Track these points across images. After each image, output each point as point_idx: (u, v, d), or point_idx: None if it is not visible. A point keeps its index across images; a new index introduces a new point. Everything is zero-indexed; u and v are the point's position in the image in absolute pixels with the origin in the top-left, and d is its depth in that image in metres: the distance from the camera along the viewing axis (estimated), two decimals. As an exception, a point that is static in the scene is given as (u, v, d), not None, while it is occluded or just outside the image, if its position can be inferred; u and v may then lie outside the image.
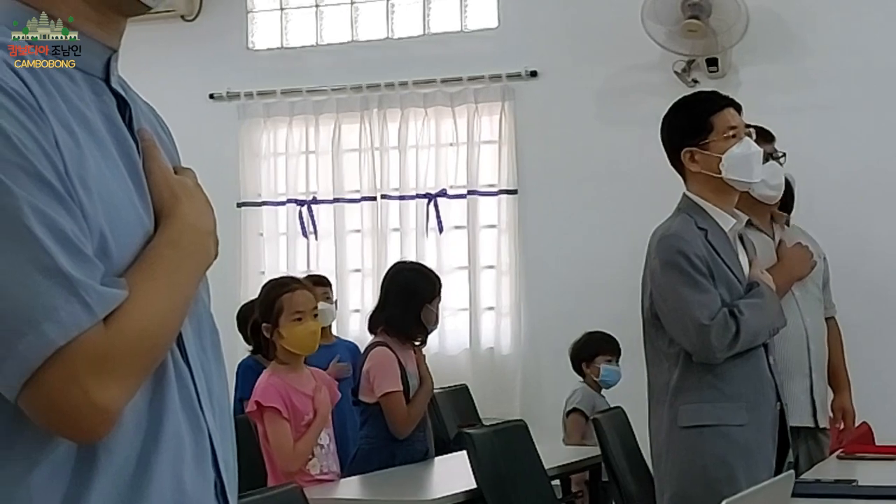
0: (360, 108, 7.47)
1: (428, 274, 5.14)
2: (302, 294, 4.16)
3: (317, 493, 3.85)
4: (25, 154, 1.26)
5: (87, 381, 1.25)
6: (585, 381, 5.88)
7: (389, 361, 4.79)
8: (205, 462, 1.43)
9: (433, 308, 4.94)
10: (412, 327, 4.89)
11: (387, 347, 4.84)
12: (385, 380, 4.76)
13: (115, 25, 1.45)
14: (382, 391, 4.75)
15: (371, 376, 4.79)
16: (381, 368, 4.77)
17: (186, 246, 1.40)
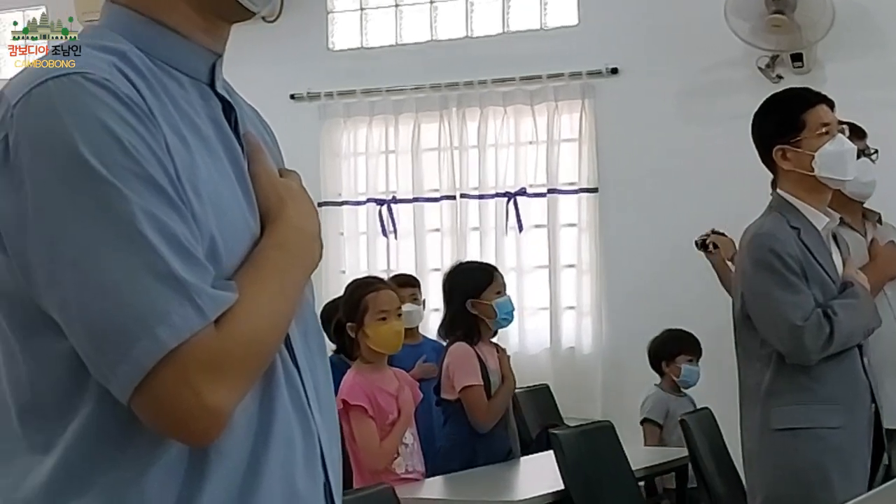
0: (440, 108, 7.47)
1: (482, 267, 5.12)
2: (386, 294, 4.17)
3: (402, 492, 3.84)
4: (138, 159, 1.27)
5: (198, 384, 1.26)
6: (663, 380, 5.77)
7: (468, 356, 4.79)
8: (315, 463, 1.43)
9: (485, 301, 4.87)
10: (465, 325, 4.87)
11: (466, 344, 4.83)
12: (464, 374, 4.75)
13: (220, 31, 1.46)
14: (462, 385, 4.75)
15: (451, 372, 4.79)
16: (460, 363, 4.77)
17: (293, 248, 1.41)
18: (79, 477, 1.30)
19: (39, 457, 1.32)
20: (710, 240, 5.86)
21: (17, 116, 1.29)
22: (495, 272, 5.08)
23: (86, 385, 1.30)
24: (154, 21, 1.41)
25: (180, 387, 1.25)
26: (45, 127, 1.27)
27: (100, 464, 1.30)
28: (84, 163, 1.25)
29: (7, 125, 1.30)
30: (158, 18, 1.41)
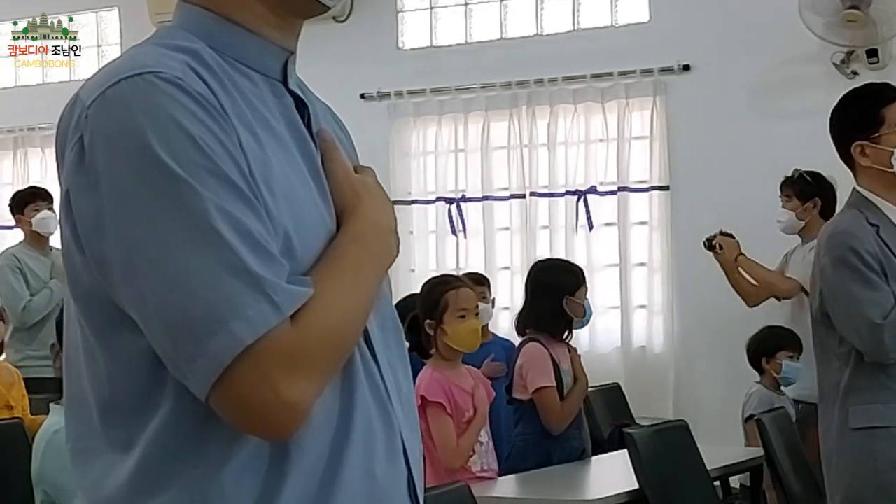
0: (509, 106, 7.46)
1: (567, 266, 5.11)
2: (466, 292, 4.17)
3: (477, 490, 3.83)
4: (211, 156, 1.28)
5: (276, 379, 1.25)
6: (763, 377, 5.67)
7: (542, 357, 4.76)
8: (396, 457, 1.42)
9: (577, 300, 4.87)
10: (557, 322, 4.85)
11: (539, 344, 4.81)
12: (538, 375, 4.73)
13: (293, 28, 1.46)
14: (535, 386, 4.72)
15: (524, 372, 4.77)
16: (533, 364, 4.75)
17: (370, 243, 1.40)
18: (160, 474, 1.31)
19: (120, 455, 1.33)
20: (716, 241, 5.85)
21: (92, 117, 1.30)
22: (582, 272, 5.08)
23: (164, 382, 1.30)
24: (226, 19, 1.41)
25: (258, 382, 1.25)
26: (119, 126, 1.28)
27: (180, 460, 1.31)
28: (158, 161, 1.26)
29: (82, 126, 1.31)
30: (231, 16, 1.41)
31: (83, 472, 1.38)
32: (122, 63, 1.34)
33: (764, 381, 5.64)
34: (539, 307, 4.88)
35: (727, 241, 5.84)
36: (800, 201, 5.82)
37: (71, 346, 1.39)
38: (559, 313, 4.83)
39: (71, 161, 1.32)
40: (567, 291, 4.85)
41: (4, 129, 8.68)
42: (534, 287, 4.99)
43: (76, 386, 1.38)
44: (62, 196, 1.34)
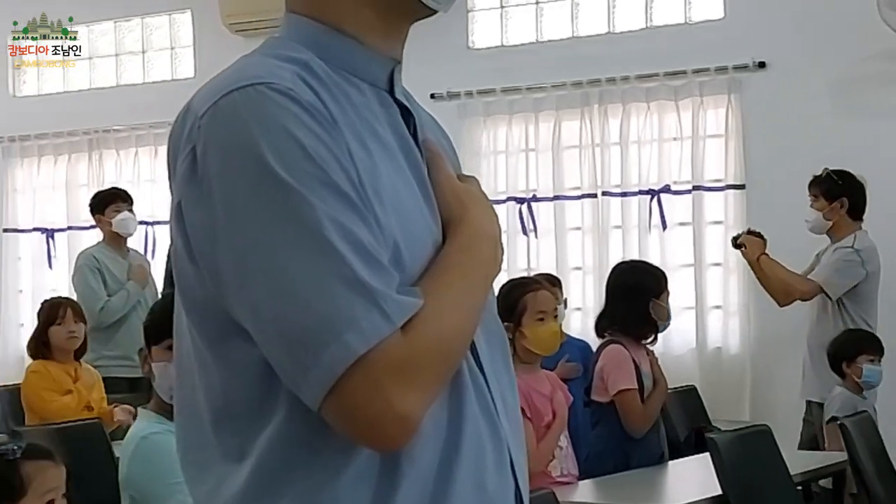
0: (581, 105, 7.41)
1: (652, 270, 5.06)
2: (544, 294, 4.14)
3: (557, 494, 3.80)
4: (322, 166, 1.28)
5: (388, 390, 1.25)
6: (845, 381, 5.59)
7: (624, 359, 4.72)
8: (504, 469, 1.42)
9: (662, 303, 4.83)
10: (642, 325, 4.80)
11: (621, 346, 4.76)
12: (620, 377, 4.68)
13: (399, 35, 1.46)
14: (617, 389, 4.68)
15: (605, 374, 4.72)
16: (615, 366, 4.70)
17: (477, 253, 1.40)
18: (273, 483, 1.31)
19: (234, 464, 1.33)
20: (741, 240, 5.85)
21: (205, 128, 1.30)
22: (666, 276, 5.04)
23: (277, 392, 1.30)
24: (335, 29, 1.41)
25: (370, 393, 1.25)
26: (231, 137, 1.28)
27: (293, 470, 1.31)
28: (271, 171, 1.26)
29: (194, 137, 1.31)
30: (339, 26, 1.41)
31: (196, 482, 1.39)
32: (234, 74, 1.34)
33: (846, 384, 5.54)
34: (623, 309, 4.84)
35: (751, 239, 5.84)
36: (826, 201, 5.80)
37: (183, 356, 1.40)
38: (645, 317, 4.79)
39: (183, 172, 1.32)
40: (653, 294, 4.80)
41: (80, 132, 8.77)
42: (617, 289, 4.94)
43: (189, 396, 1.39)
44: (173, 206, 1.34)
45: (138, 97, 8.68)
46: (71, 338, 5.42)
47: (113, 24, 8.92)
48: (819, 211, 5.82)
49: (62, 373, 5.40)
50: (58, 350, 5.41)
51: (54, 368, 5.40)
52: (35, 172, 8.97)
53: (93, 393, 5.45)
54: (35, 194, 8.97)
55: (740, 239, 5.91)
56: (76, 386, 5.39)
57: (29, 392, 5.41)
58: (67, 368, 5.43)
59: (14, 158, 9.03)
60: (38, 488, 2.82)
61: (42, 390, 5.35)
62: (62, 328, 5.42)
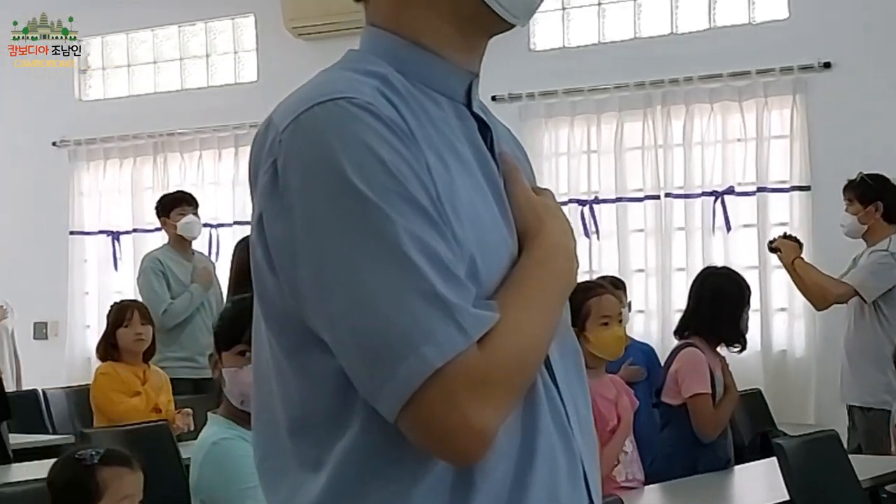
0: (644, 106, 7.38)
1: (738, 279, 5.03)
2: (609, 299, 4.11)
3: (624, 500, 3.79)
4: (401, 181, 1.29)
5: (464, 403, 1.25)
6: None
7: (699, 363, 4.69)
8: (578, 483, 1.41)
9: (744, 314, 4.81)
10: (732, 333, 4.78)
11: (697, 349, 4.74)
12: (694, 381, 4.65)
13: (477, 49, 1.46)
14: (691, 392, 4.65)
15: (679, 377, 4.70)
16: (690, 369, 4.68)
17: (553, 266, 1.40)
18: (349, 494, 1.32)
19: (310, 473, 1.34)
20: (776, 243, 5.89)
21: (286, 142, 1.31)
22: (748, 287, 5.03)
23: (353, 403, 1.31)
24: (413, 43, 1.42)
25: (446, 406, 1.25)
26: (312, 151, 1.29)
27: (369, 481, 1.31)
28: (351, 186, 1.27)
29: (276, 150, 1.32)
30: (418, 40, 1.42)
31: (272, 489, 1.40)
32: (315, 88, 1.35)
33: None
34: (712, 314, 4.81)
35: (785, 244, 5.88)
36: (861, 205, 5.79)
37: (261, 363, 1.41)
38: (728, 325, 4.77)
39: (264, 184, 1.33)
40: (739, 305, 4.81)
41: (145, 135, 8.87)
42: (707, 293, 4.91)
43: (266, 403, 1.40)
44: (254, 218, 1.35)
45: (202, 101, 8.76)
46: (138, 340, 5.48)
47: (177, 28, 9.01)
48: (854, 215, 5.83)
49: (131, 375, 5.46)
50: (126, 352, 5.48)
51: (123, 370, 5.46)
52: (101, 175, 9.08)
53: (160, 395, 5.50)
54: (101, 197, 9.07)
55: (775, 243, 5.95)
56: (145, 388, 5.45)
57: (98, 394, 5.47)
58: (136, 370, 5.49)
59: (80, 162, 9.15)
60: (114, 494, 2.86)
61: (111, 392, 5.41)
62: (129, 330, 5.48)
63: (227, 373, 2.88)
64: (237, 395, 2.86)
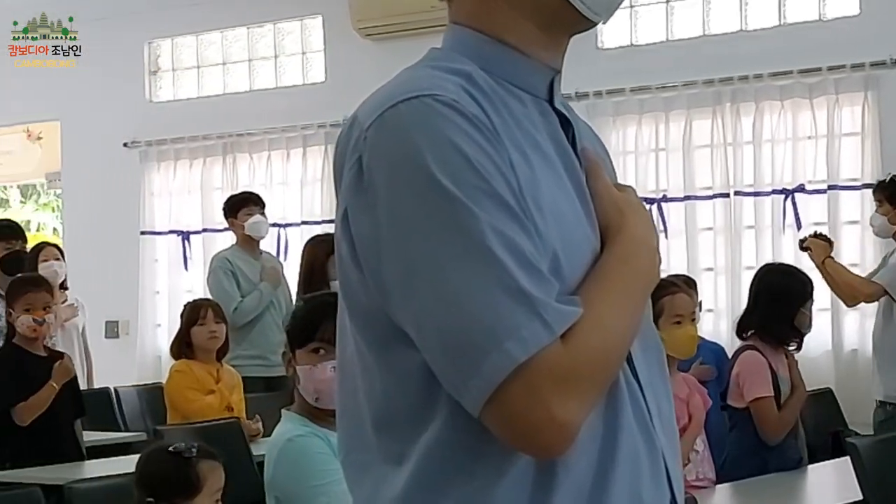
0: (713, 103, 7.33)
1: (800, 276, 4.97)
2: (682, 297, 4.10)
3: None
4: (486, 177, 1.29)
5: (548, 398, 1.26)
6: None
7: (759, 366, 4.64)
8: (660, 480, 1.41)
9: (806, 311, 4.76)
10: (785, 331, 4.73)
11: (757, 351, 4.69)
12: (755, 384, 4.61)
13: (560, 46, 1.47)
14: (752, 396, 4.61)
15: (741, 381, 4.66)
16: (751, 373, 4.64)
17: (636, 262, 1.40)
18: (433, 487, 1.33)
19: (394, 467, 1.35)
20: (807, 243, 5.92)
21: (371, 139, 1.33)
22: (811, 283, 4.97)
23: (437, 397, 1.32)
24: (495, 40, 1.43)
25: (530, 401, 1.26)
26: (397, 148, 1.31)
27: (453, 475, 1.32)
28: (435, 182, 1.28)
29: (361, 147, 1.34)
30: (500, 37, 1.43)
31: (356, 484, 1.41)
32: (399, 85, 1.36)
33: None
34: (768, 313, 4.77)
35: (815, 243, 5.91)
36: (891, 205, 5.74)
37: (346, 360, 1.43)
38: (790, 322, 4.72)
39: (349, 181, 1.35)
40: (801, 301, 4.74)
41: (214, 136, 8.96)
42: (764, 291, 4.87)
43: (351, 399, 1.42)
44: (339, 214, 1.37)
45: (270, 102, 8.83)
46: (212, 338, 5.54)
47: (246, 29, 9.09)
48: (884, 216, 5.83)
49: (205, 373, 5.52)
50: (200, 350, 5.54)
51: (197, 368, 5.52)
52: (171, 176, 9.18)
53: (233, 394, 5.55)
54: (171, 197, 9.17)
55: (806, 242, 5.97)
56: (218, 387, 5.50)
57: (172, 391, 5.53)
58: (210, 369, 5.55)
59: (151, 162, 9.26)
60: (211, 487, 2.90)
61: (185, 389, 5.47)
62: (203, 328, 5.54)
63: (301, 370, 2.90)
64: (312, 392, 2.88)
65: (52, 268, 6.53)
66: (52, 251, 6.73)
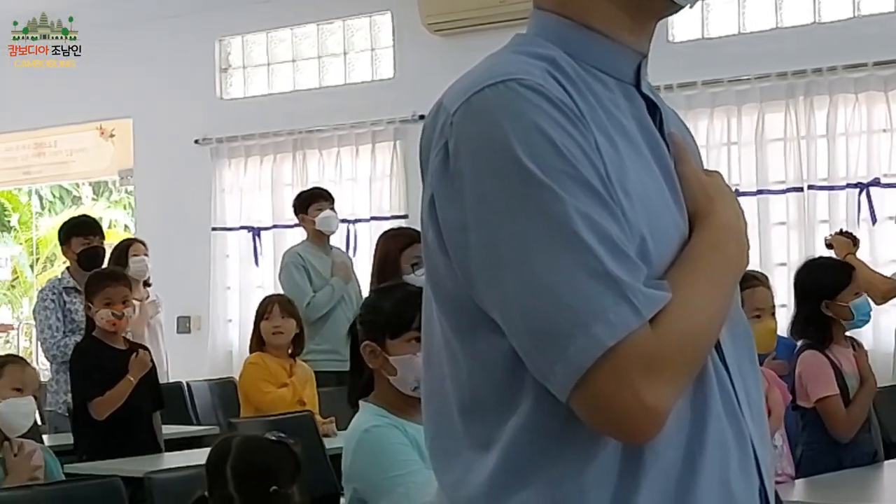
0: (785, 96, 7.26)
1: (831, 266, 4.88)
2: (762, 291, 4.07)
3: (773, 495, 3.73)
4: (572, 161, 1.29)
5: (637, 382, 1.25)
6: None
7: (820, 365, 4.56)
8: (749, 467, 1.40)
9: (841, 302, 4.62)
10: (823, 327, 4.63)
11: (815, 350, 4.62)
12: (818, 384, 4.54)
13: (646, 30, 1.46)
14: (817, 396, 4.54)
15: (804, 381, 4.59)
16: (811, 373, 4.57)
17: (725, 247, 1.39)
18: (520, 472, 1.33)
19: (481, 453, 1.35)
20: (829, 239, 6.02)
21: (457, 124, 1.32)
22: (853, 272, 4.84)
23: (524, 383, 1.32)
24: (581, 25, 1.42)
25: (619, 385, 1.25)
26: (483, 133, 1.30)
27: (540, 460, 1.32)
28: (521, 166, 1.28)
29: (447, 132, 1.33)
30: (585, 22, 1.42)
31: (443, 470, 1.41)
32: (485, 71, 1.35)
33: None
34: (802, 310, 4.71)
35: (838, 240, 6.00)
36: None
37: (433, 347, 1.43)
38: (817, 318, 4.62)
39: (435, 167, 1.35)
40: (826, 295, 4.62)
41: (284, 132, 9.02)
42: (795, 290, 4.81)
43: (437, 386, 1.42)
44: (425, 200, 1.37)
45: (340, 98, 8.87)
46: (276, 333, 5.56)
47: (316, 26, 9.14)
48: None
49: (278, 367, 5.56)
50: (269, 345, 5.57)
51: (271, 362, 5.56)
52: (242, 173, 9.26)
53: (306, 389, 5.59)
54: (242, 194, 9.25)
55: (829, 239, 6.07)
56: (291, 380, 5.54)
57: (247, 383, 5.57)
58: (283, 363, 5.58)
59: (222, 159, 9.34)
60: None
61: (259, 381, 5.50)
62: (269, 323, 5.57)
63: (398, 360, 2.89)
64: (412, 382, 2.85)
65: (144, 262, 6.64)
66: (140, 247, 6.83)
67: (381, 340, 2.92)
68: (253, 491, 2.82)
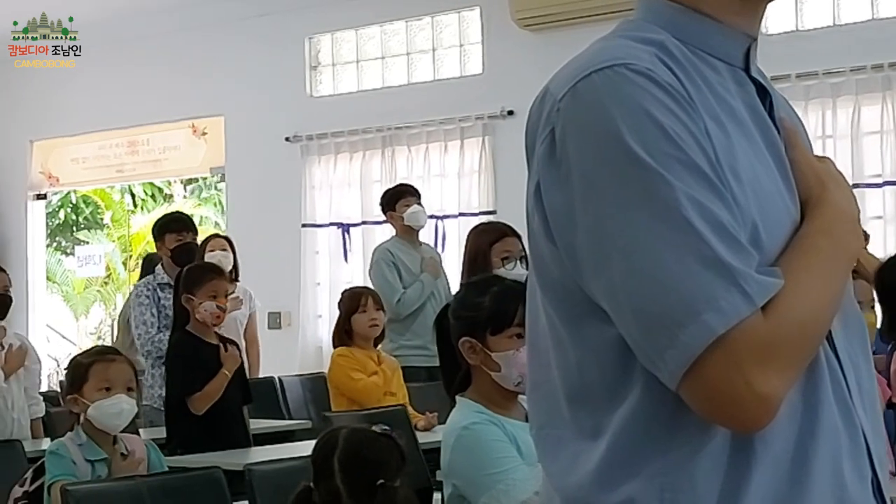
0: (882, 89, 7.14)
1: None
2: (862, 284, 4.03)
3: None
4: (681, 146, 1.27)
5: (749, 370, 1.24)
6: None
7: None
8: (861, 459, 1.38)
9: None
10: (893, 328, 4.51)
11: None
12: None
13: (756, 12, 1.44)
14: None
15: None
16: None
17: (838, 234, 1.36)
18: (628, 461, 1.32)
19: (589, 442, 1.34)
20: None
21: (564, 110, 1.32)
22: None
23: (632, 371, 1.30)
24: (689, 9, 1.40)
25: (730, 373, 1.24)
26: (591, 118, 1.29)
27: (649, 448, 1.31)
28: (630, 152, 1.26)
29: (553, 119, 1.32)
30: (694, 5, 1.40)
31: (550, 459, 1.40)
32: (592, 56, 1.34)
33: None
34: (887, 310, 4.59)
35: None
36: None
37: (539, 335, 1.42)
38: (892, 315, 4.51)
39: (542, 153, 1.34)
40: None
41: (373, 129, 9.05)
42: (877, 290, 4.70)
43: (544, 374, 1.41)
44: (531, 187, 1.36)
45: (428, 94, 8.88)
46: (373, 325, 5.60)
47: (404, 23, 9.16)
48: None
49: (366, 358, 5.60)
50: (359, 337, 5.60)
51: (359, 353, 5.60)
52: (331, 169, 9.31)
53: (394, 378, 5.61)
54: (331, 190, 9.30)
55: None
56: (381, 368, 5.57)
57: (337, 373, 5.60)
58: (370, 354, 5.62)
59: (312, 156, 9.40)
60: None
61: (350, 370, 5.54)
62: (364, 316, 5.60)
63: (501, 357, 2.87)
64: (515, 377, 2.84)
65: (216, 258, 6.68)
66: (219, 242, 6.89)
67: (482, 336, 2.89)
68: (360, 483, 2.81)
